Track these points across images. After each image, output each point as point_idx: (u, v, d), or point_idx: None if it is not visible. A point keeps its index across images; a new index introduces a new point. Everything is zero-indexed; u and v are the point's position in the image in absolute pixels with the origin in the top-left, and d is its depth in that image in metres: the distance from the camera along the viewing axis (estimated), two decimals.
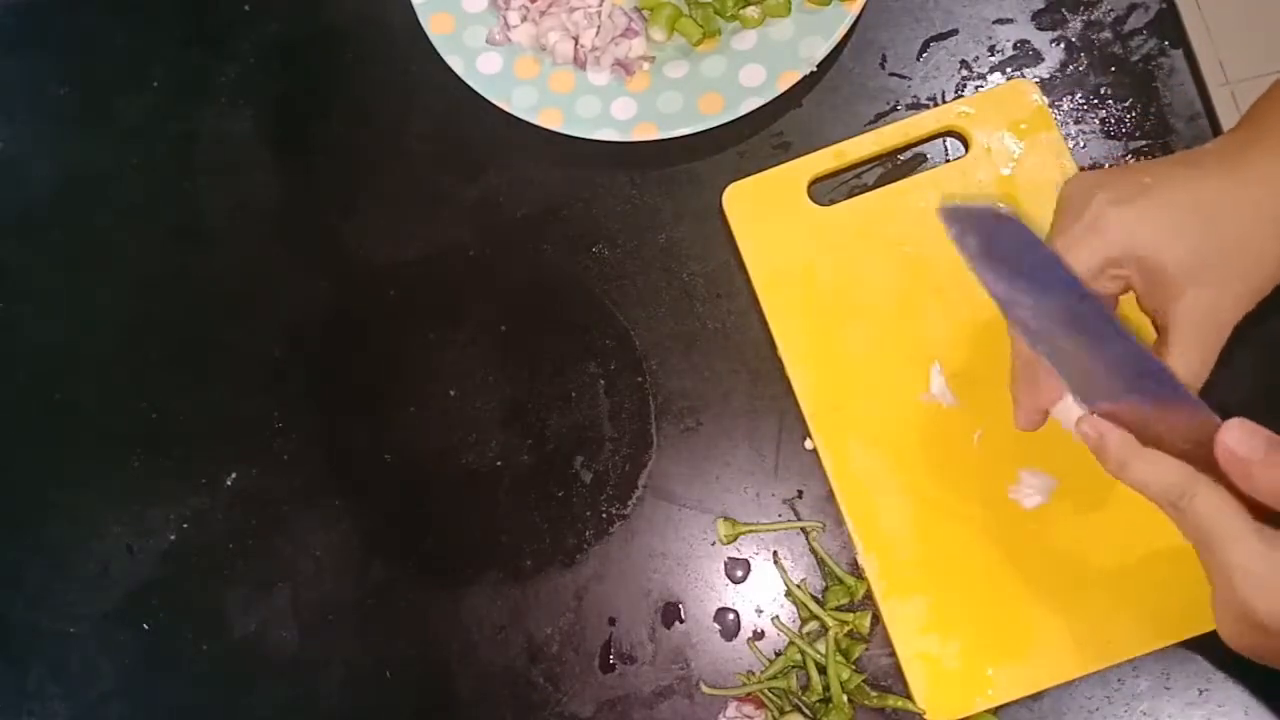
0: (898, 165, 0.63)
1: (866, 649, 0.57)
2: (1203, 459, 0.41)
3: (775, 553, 0.59)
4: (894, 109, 0.64)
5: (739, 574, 0.60)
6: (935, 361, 0.58)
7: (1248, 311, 0.46)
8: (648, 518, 0.61)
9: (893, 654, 0.57)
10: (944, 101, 0.64)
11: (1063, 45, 0.63)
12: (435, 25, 0.66)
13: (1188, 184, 0.46)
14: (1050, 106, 0.61)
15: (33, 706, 0.64)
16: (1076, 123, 0.62)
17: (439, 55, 0.66)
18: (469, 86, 0.65)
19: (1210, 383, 0.55)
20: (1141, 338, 0.42)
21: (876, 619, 0.57)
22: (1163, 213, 0.45)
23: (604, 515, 0.61)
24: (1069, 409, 0.48)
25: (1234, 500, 0.40)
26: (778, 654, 0.58)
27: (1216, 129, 0.61)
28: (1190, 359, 0.45)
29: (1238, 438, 0.40)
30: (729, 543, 0.60)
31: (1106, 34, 0.63)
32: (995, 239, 0.43)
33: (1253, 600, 0.40)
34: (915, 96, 0.64)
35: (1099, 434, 0.44)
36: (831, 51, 0.62)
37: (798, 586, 0.58)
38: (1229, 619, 0.43)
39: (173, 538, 0.65)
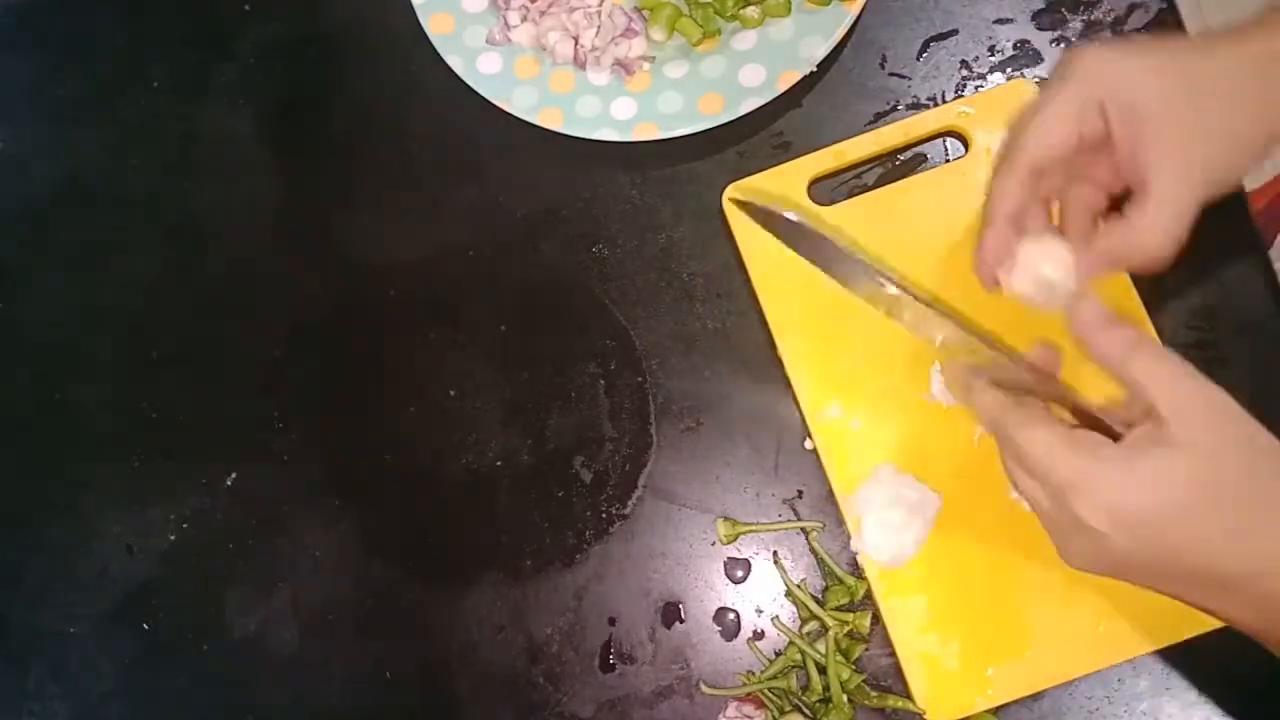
0: (898, 165, 0.63)
1: (866, 649, 0.57)
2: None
3: (775, 553, 0.59)
4: (894, 109, 0.64)
5: (739, 574, 0.60)
6: (935, 362, 0.58)
7: (1215, 194, 0.46)
8: (648, 518, 0.61)
9: (893, 654, 0.57)
10: (944, 101, 0.64)
11: (1063, 45, 0.63)
12: (435, 25, 0.66)
13: (1171, 46, 0.48)
14: None
15: (33, 706, 0.64)
16: None
17: (439, 55, 0.66)
18: (469, 86, 0.65)
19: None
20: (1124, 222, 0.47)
21: (876, 619, 0.57)
22: (1144, 59, 0.47)
23: (604, 515, 0.61)
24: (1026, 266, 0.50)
25: (1048, 415, 0.45)
26: (778, 654, 0.58)
27: None
28: (1165, 213, 0.46)
29: (1090, 307, 0.45)
30: (729, 543, 0.60)
31: (1106, 34, 0.63)
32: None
33: (1069, 501, 0.42)
34: (915, 96, 0.64)
35: (949, 371, 0.51)
36: (831, 51, 0.62)
37: (798, 586, 0.58)
38: (1061, 536, 0.45)
39: (173, 538, 0.65)
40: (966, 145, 0.62)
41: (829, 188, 0.63)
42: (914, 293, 0.53)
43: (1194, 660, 0.55)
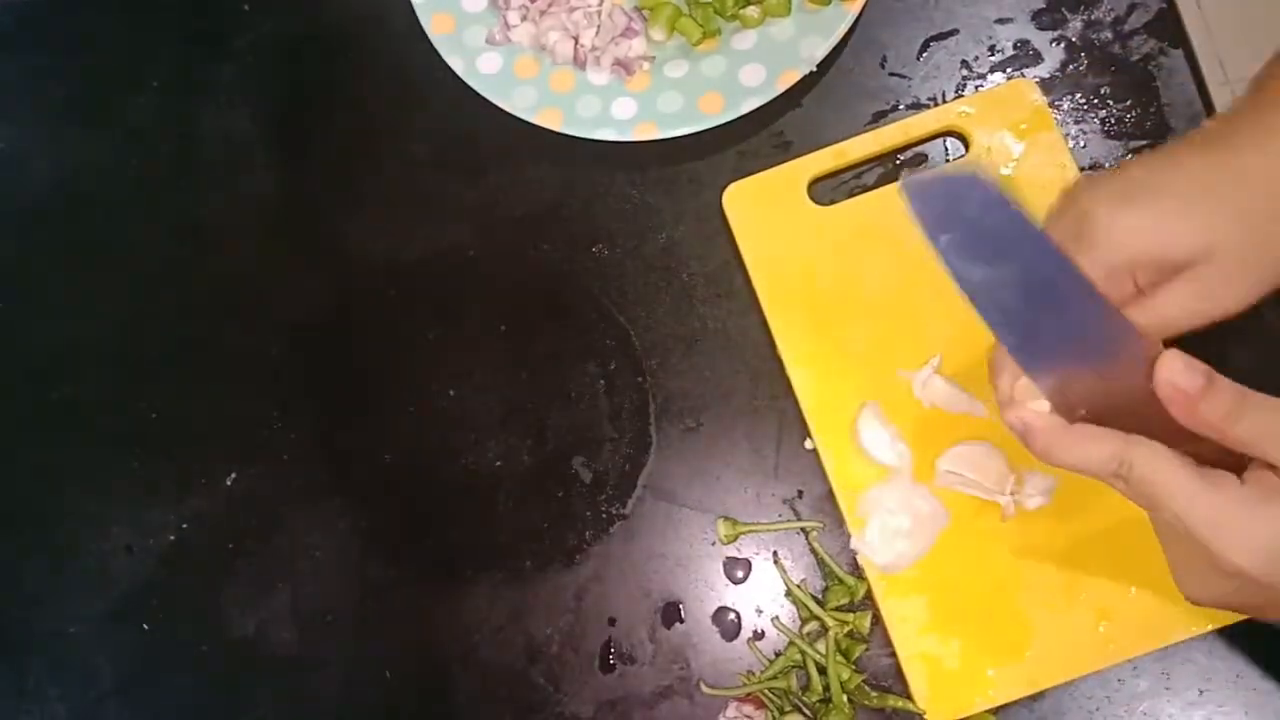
0: (898, 165, 0.63)
1: (866, 649, 0.57)
2: (1156, 417, 0.40)
3: (775, 553, 0.59)
4: (894, 109, 0.64)
5: (739, 574, 0.60)
6: (928, 362, 0.58)
7: (1255, 287, 0.43)
8: (648, 518, 0.61)
9: (893, 654, 0.57)
10: (944, 101, 0.63)
11: (1063, 45, 0.63)
12: (435, 25, 0.66)
13: (1185, 171, 0.44)
14: (1050, 106, 0.61)
15: (32, 706, 0.64)
16: (1076, 123, 0.62)
17: (439, 55, 0.66)
18: (469, 86, 0.65)
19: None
20: (1106, 295, 0.41)
21: (876, 619, 0.57)
22: (1160, 203, 0.43)
23: (604, 515, 0.61)
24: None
25: (1174, 454, 0.39)
26: (778, 654, 0.58)
27: None
28: (1185, 307, 0.43)
29: (1177, 369, 0.39)
30: (729, 543, 0.60)
31: (1106, 34, 0.63)
32: (961, 204, 0.42)
33: (1211, 543, 0.39)
34: (915, 96, 0.64)
35: (1022, 421, 0.43)
36: (831, 51, 0.62)
37: (798, 586, 0.58)
38: (1190, 573, 0.43)
39: (173, 538, 0.65)
40: (967, 145, 0.62)
41: (829, 188, 0.63)
42: None
43: (1194, 660, 0.55)
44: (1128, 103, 0.62)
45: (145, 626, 0.64)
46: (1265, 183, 0.43)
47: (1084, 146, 0.62)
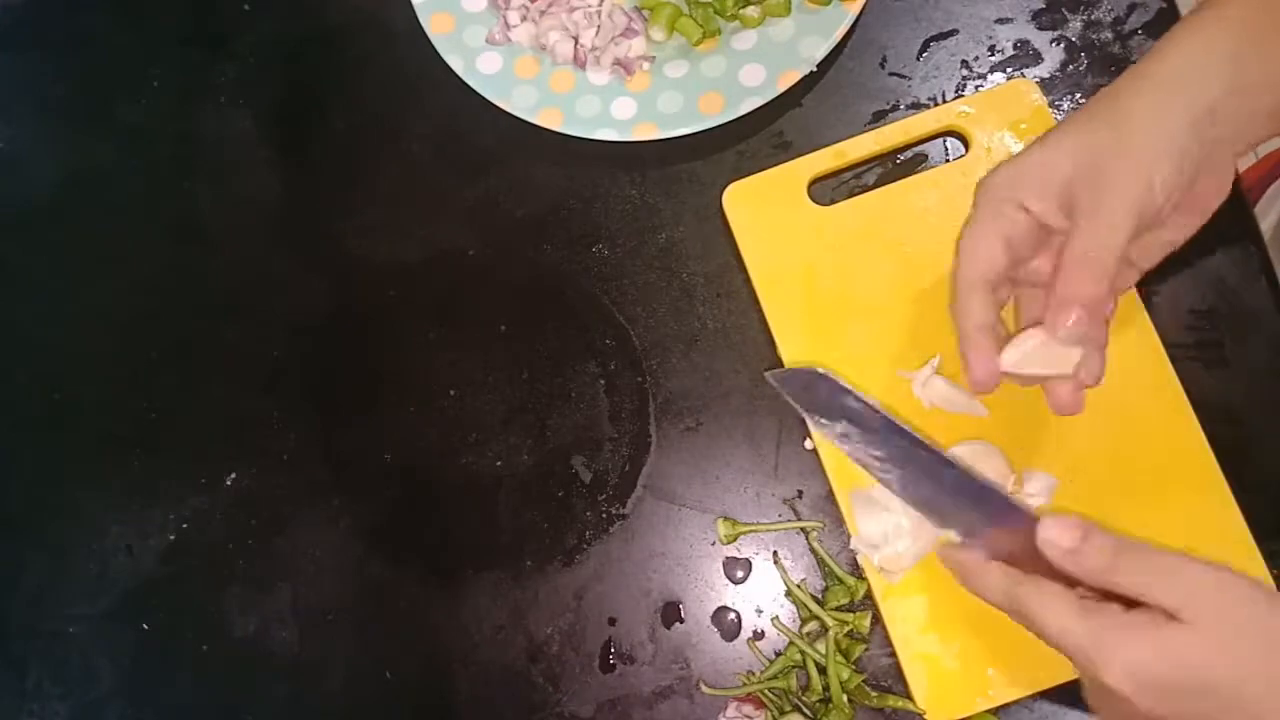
0: (898, 165, 0.63)
1: (866, 649, 0.57)
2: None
3: (775, 553, 0.59)
4: (894, 109, 0.64)
5: (739, 574, 0.60)
6: (928, 362, 0.58)
7: (1151, 204, 0.45)
8: (647, 517, 0.61)
9: (893, 654, 0.57)
10: (944, 101, 0.63)
11: (1063, 45, 0.63)
12: (435, 25, 0.66)
13: (1060, 128, 0.48)
14: (1050, 106, 0.61)
15: (32, 706, 0.64)
16: None
17: (439, 55, 0.66)
18: (469, 86, 0.65)
19: (1208, 384, 0.55)
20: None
21: (876, 619, 0.57)
22: (1045, 148, 0.47)
23: (604, 515, 0.61)
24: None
25: (1059, 590, 0.44)
26: (778, 654, 0.58)
27: None
28: (1102, 221, 0.45)
29: (1050, 529, 0.44)
30: (729, 543, 0.60)
31: (1106, 34, 0.63)
32: (817, 393, 0.53)
33: (1088, 671, 0.42)
34: (915, 96, 0.64)
35: (946, 556, 0.50)
36: (831, 51, 0.62)
37: (798, 586, 0.58)
38: (1095, 696, 0.45)
39: (173, 538, 0.65)
40: (966, 145, 0.62)
41: (829, 188, 0.63)
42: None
43: None
44: None
45: (145, 626, 0.64)
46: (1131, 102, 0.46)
47: None
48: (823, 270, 0.61)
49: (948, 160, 0.62)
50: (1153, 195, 0.45)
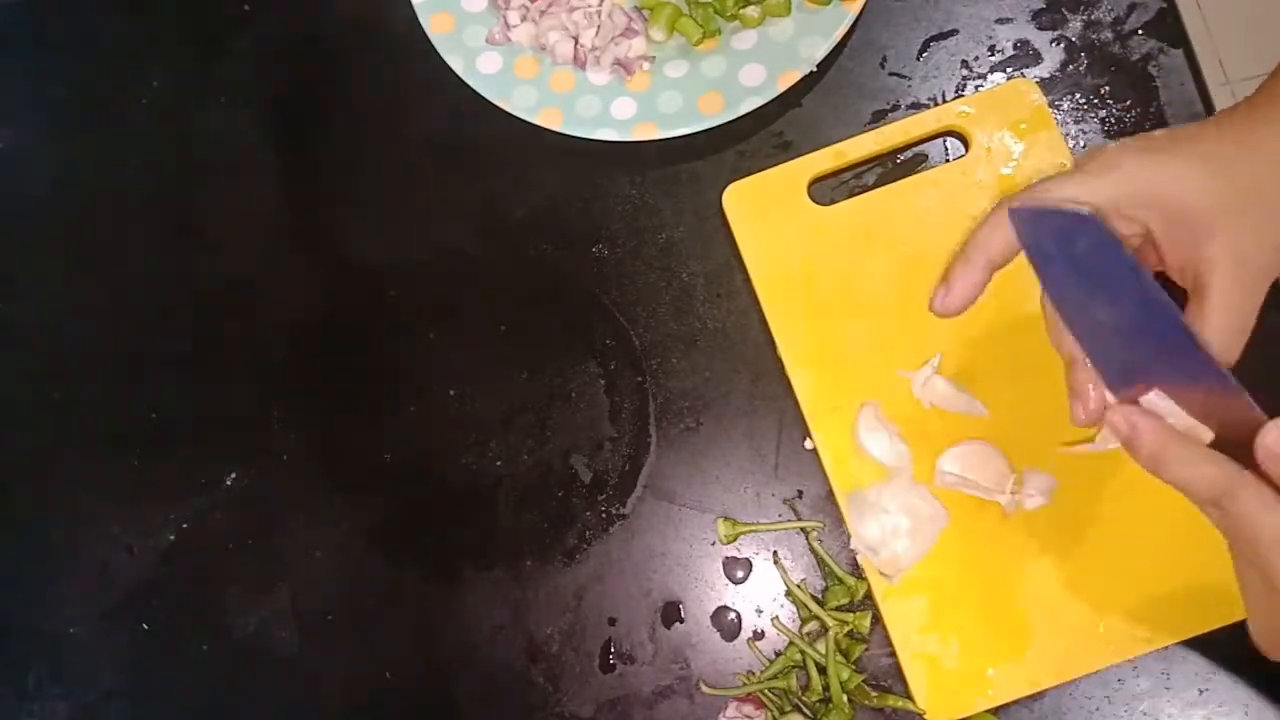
0: (898, 165, 0.63)
1: (866, 649, 0.57)
2: (1246, 451, 0.39)
3: (775, 553, 0.59)
4: (894, 109, 0.64)
5: (739, 574, 0.60)
6: (928, 362, 0.58)
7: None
8: (647, 517, 0.61)
9: (893, 654, 0.57)
10: (944, 101, 0.63)
11: (1063, 45, 0.63)
12: (435, 25, 0.66)
13: (1205, 140, 0.45)
14: (1050, 106, 0.61)
15: (33, 706, 0.64)
16: (1076, 123, 0.62)
17: (439, 55, 0.66)
18: (469, 86, 0.65)
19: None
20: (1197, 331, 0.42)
21: (876, 619, 0.57)
22: (1184, 159, 0.44)
23: (604, 515, 0.61)
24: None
25: (1277, 499, 0.38)
26: (778, 654, 0.58)
27: None
28: (1229, 310, 0.43)
29: (1278, 439, 0.37)
30: (729, 543, 0.60)
31: (1106, 34, 0.63)
32: (1071, 240, 0.43)
33: None
34: (915, 96, 0.64)
35: (1131, 425, 0.41)
36: (831, 51, 0.62)
37: (798, 586, 0.58)
38: (1266, 622, 0.41)
39: (173, 538, 0.65)
40: (966, 145, 0.62)
41: (829, 188, 0.63)
42: None
43: (1194, 660, 0.55)
44: (1127, 103, 0.62)
45: (145, 626, 0.64)
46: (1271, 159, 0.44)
47: (1084, 146, 0.62)
48: (823, 270, 0.61)
49: (948, 160, 0.62)
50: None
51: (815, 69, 0.62)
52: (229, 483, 0.65)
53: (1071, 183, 0.45)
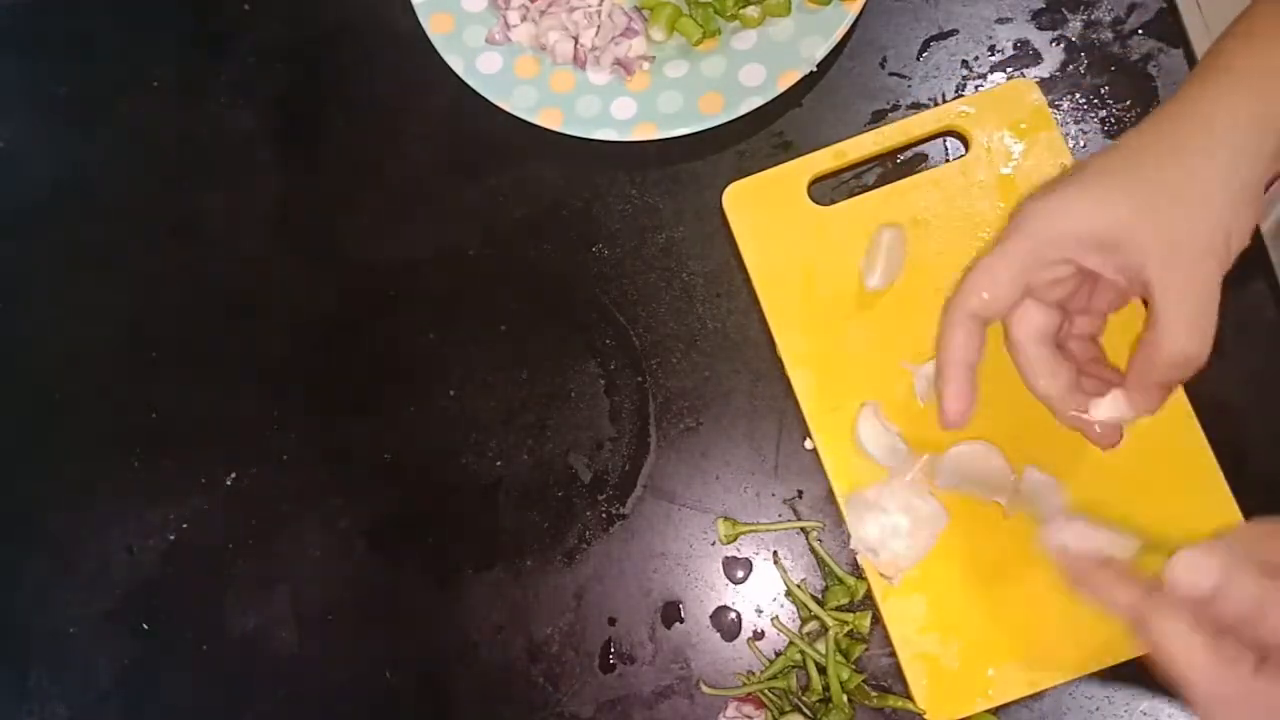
0: (898, 165, 0.63)
1: (866, 649, 0.57)
2: None
3: (775, 553, 0.59)
4: (894, 109, 0.64)
5: (739, 574, 0.60)
6: (929, 361, 0.58)
7: (1231, 260, 0.45)
8: (647, 517, 0.61)
9: (893, 654, 0.57)
10: (944, 101, 0.63)
11: (1063, 45, 0.63)
12: (435, 25, 0.66)
13: (1124, 154, 0.45)
14: (1050, 106, 0.61)
15: (33, 706, 0.64)
16: (1076, 123, 0.62)
17: (439, 55, 0.66)
18: (469, 86, 0.65)
19: (1208, 383, 0.55)
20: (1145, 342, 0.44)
21: (876, 619, 0.57)
22: (1101, 188, 0.45)
23: (604, 515, 0.61)
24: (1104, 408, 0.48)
25: (1188, 626, 0.39)
26: (778, 654, 0.58)
27: None
28: (1184, 318, 0.44)
29: (1186, 569, 0.40)
30: (729, 543, 0.60)
31: (1106, 34, 0.63)
32: None
33: (1212, 715, 0.39)
34: (915, 96, 0.64)
35: (1054, 550, 0.46)
36: (831, 51, 0.62)
37: (798, 586, 0.58)
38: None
39: (172, 538, 0.65)
40: (966, 145, 0.62)
41: (829, 187, 0.63)
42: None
43: None
44: (1127, 103, 0.62)
45: (145, 626, 0.64)
46: (1188, 160, 0.44)
47: (1084, 146, 0.62)
48: (823, 270, 0.61)
49: (948, 160, 0.62)
50: (1228, 259, 0.44)
51: (815, 69, 0.62)
52: (229, 483, 0.65)
53: (993, 249, 0.46)
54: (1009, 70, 0.64)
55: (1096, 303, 0.49)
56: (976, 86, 0.63)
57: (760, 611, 0.59)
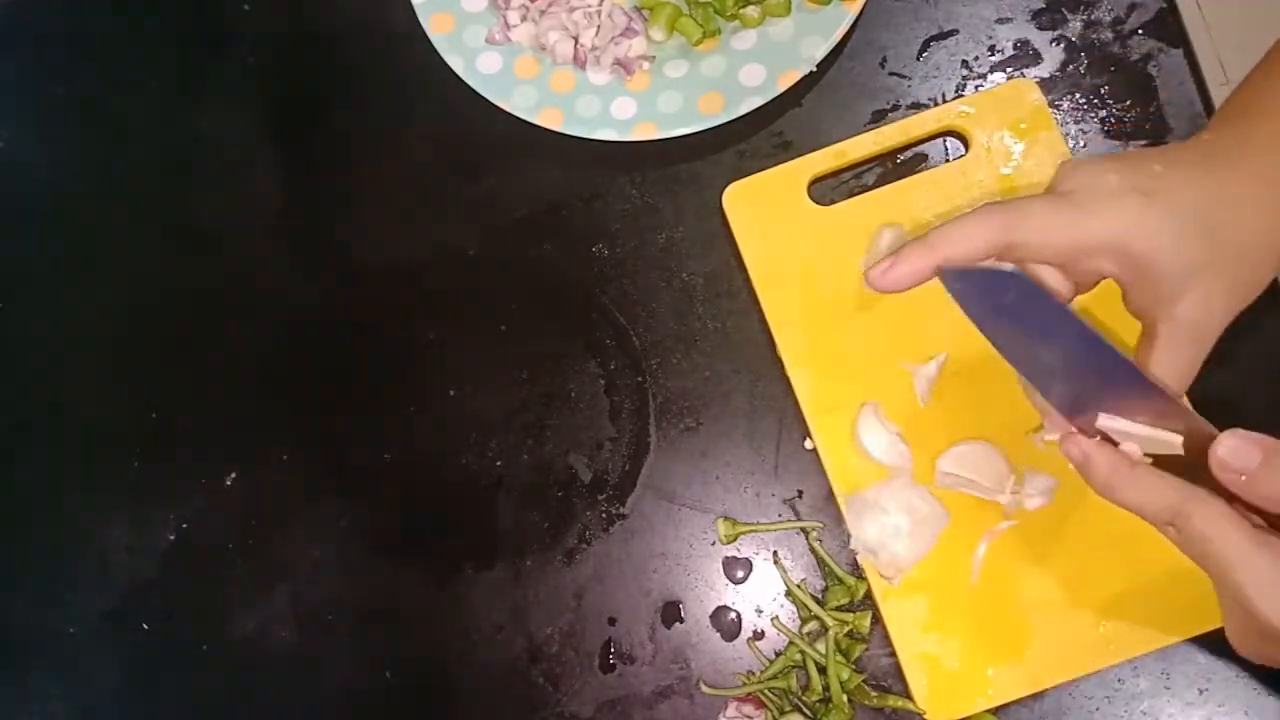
0: (898, 165, 0.63)
1: (866, 649, 0.57)
2: (1201, 466, 0.41)
3: (775, 553, 0.59)
4: (894, 109, 0.64)
5: (739, 574, 0.60)
6: (929, 361, 0.58)
7: (1243, 305, 0.45)
8: (647, 517, 0.61)
9: (893, 654, 0.57)
10: (944, 101, 0.63)
11: (1063, 45, 0.63)
12: (435, 25, 0.66)
13: (1189, 184, 0.44)
14: (1050, 106, 0.61)
15: (33, 706, 0.64)
16: (1076, 123, 0.62)
17: (439, 55, 0.66)
18: (469, 86, 0.65)
19: (1208, 383, 0.55)
20: (1134, 358, 0.43)
21: (876, 619, 0.57)
22: (1162, 213, 0.43)
23: (604, 515, 0.61)
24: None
25: (1232, 512, 0.39)
26: (778, 654, 0.58)
27: None
28: (1180, 360, 0.44)
29: (1231, 448, 0.39)
30: (729, 543, 0.60)
31: (1106, 34, 0.63)
32: (999, 295, 0.44)
33: (1260, 609, 0.38)
34: (915, 96, 0.64)
35: (1084, 453, 0.43)
36: (831, 51, 0.62)
37: (798, 586, 0.58)
38: (1238, 628, 0.43)
39: (172, 538, 0.65)
40: (967, 145, 0.62)
41: (829, 187, 0.63)
42: None
43: (1194, 660, 0.55)
44: (1127, 103, 0.62)
45: (145, 626, 0.64)
46: (1255, 210, 0.44)
47: (1084, 146, 0.62)
48: (823, 270, 0.61)
49: (948, 160, 0.62)
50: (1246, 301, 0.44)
51: (815, 69, 0.62)
52: (229, 483, 0.65)
53: (1046, 214, 0.45)
54: (1009, 70, 0.64)
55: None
56: (976, 86, 0.63)
57: (760, 611, 0.59)
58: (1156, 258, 0.43)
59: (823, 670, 0.56)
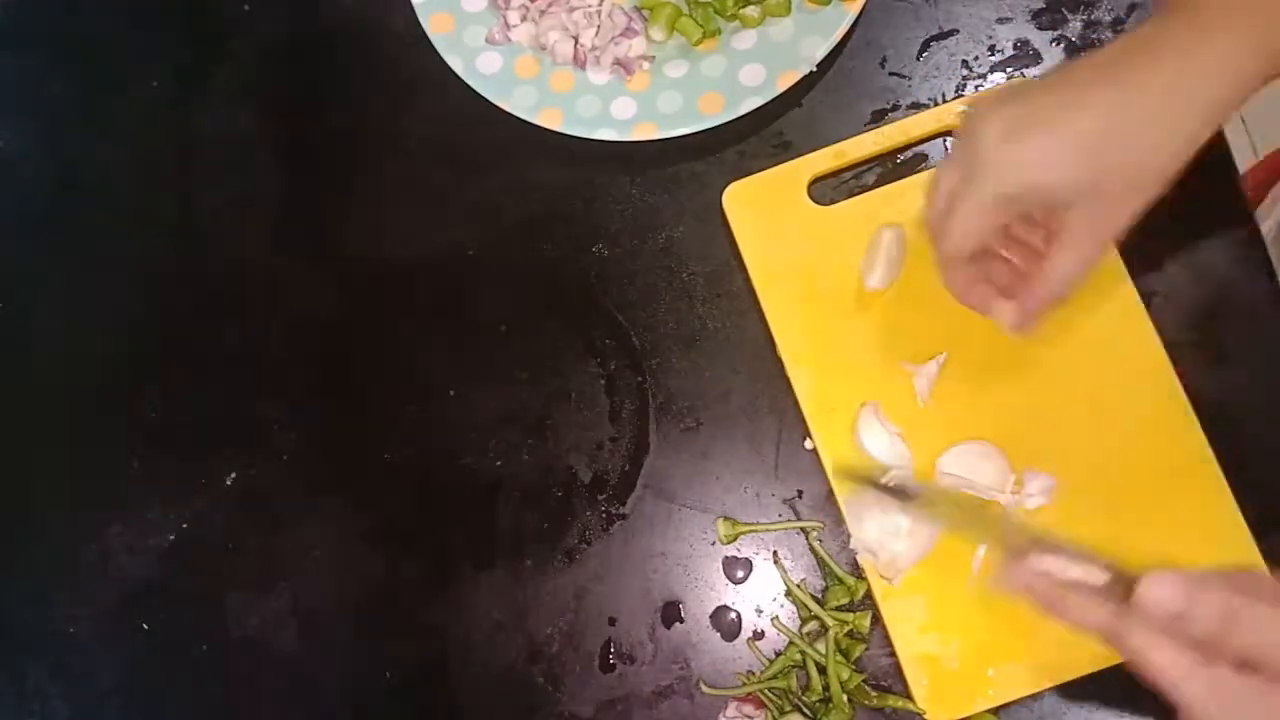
0: (898, 165, 0.63)
1: (866, 649, 0.57)
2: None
3: (775, 553, 0.59)
4: (894, 109, 0.64)
5: (739, 574, 0.60)
6: (929, 361, 0.58)
7: (1138, 211, 0.45)
8: (647, 517, 0.61)
9: (893, 654, 0.57)
10: (944, 101, 0.63)
11: (1063, 45, 0.63)
12: (435, 25, 0.66)
13: (1077, 111, 0.45)
14: None
15: (33, 706, 0.64)
16: None
17: (439, 55, 0.66)
18: (469, 86, 0.65)
19: (1208, 384, 0.55)
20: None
21: (876, 619, 0.57)
22: (1053, 144, 0.45)
23: (604, 515, 0.61)
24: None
25: (1158, 634, 0.41)
26: (778, 654, 0.58)
27: None
28: (1075, 258, 0.46)
29: (1156, 590, 0.41)
30: (729, 543, 0.60)
31: (1106, 34, 0.63)
32: None
33: (1208, 713, 0.40)
34: (915, 96, 0.64)
35: (1027, 585, 0.46)
36: (831, 51, 0.62)
37: (798, 586, 0.58)
38: None
39: (172, 538, 0.65)
40: None
41: (829, 187, 0.63)
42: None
43: None
44: None
45: (145, 626, 0.64)
46: (1142, 126, 0.44)
47: None
48: (823, 270, 0.61)
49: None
50: (1152, 196, 0.45)
51: (815, 69, 0.62)
52: (229, 483, 0.65)
53: (961, 191, 0.46)
54: (1009, 70, 0.64)
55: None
56: (977, 86, 0.63)
57: (760, 611, 0.59)
58: (1041, 179, 0.45)
59: (823, 670, 0.56)
